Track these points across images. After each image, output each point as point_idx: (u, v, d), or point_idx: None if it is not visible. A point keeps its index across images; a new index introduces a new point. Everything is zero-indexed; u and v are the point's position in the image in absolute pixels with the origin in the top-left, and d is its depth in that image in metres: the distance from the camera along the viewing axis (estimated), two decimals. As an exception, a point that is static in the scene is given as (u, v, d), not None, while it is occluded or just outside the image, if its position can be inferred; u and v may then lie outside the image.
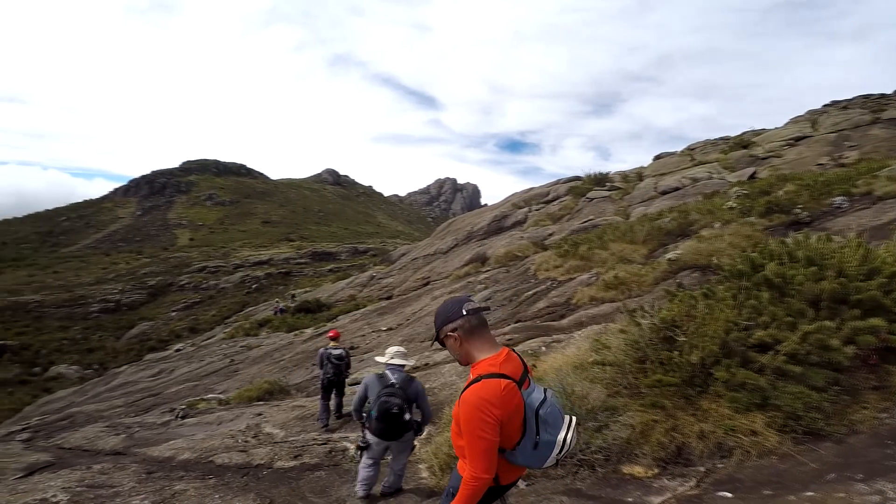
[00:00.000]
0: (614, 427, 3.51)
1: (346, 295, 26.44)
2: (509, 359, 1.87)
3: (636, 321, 3.79)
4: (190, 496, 3.77)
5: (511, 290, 13.29)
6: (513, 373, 1.82)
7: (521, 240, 21.40)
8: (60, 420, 13.49)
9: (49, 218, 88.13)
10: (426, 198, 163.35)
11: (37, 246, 74.94)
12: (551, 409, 1.87)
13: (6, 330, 41.49)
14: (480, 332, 1.88)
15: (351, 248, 66.31)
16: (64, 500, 3.74)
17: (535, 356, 5.36)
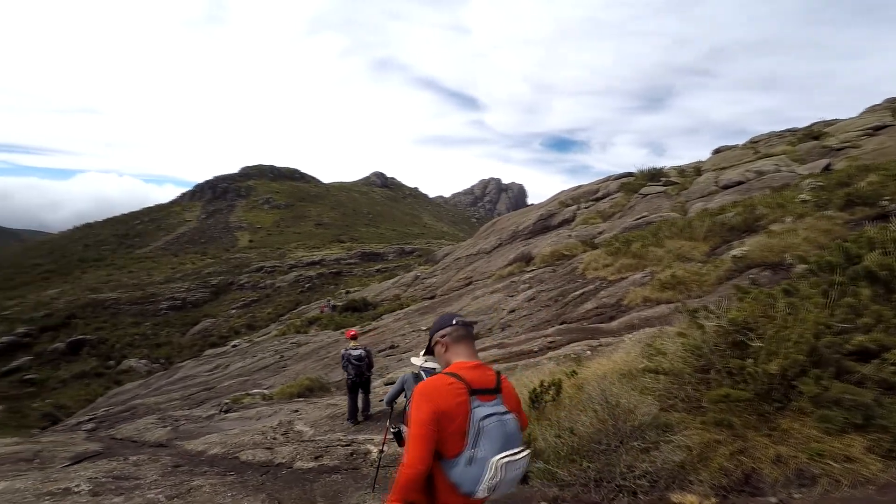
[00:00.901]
0: (665, 448, 2.99)
1: (392, 294, 26.60)
2: (478, 369, 1.84)
3: (699, 323, 3.25)
4: (204, 492, 3.68)
5: (557, 291, 12.68)
6: (474, 380, 1.78)
7: (568, 238, 20.59)
8: (123, 411, 14.29)
9: (125, 222, 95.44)
10: (470, 198, 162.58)
11: (114, 247, 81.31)
12: (499, 426, 1.71)
13: (86, 325, 45.19)
14: (464, 343, 1.94)
15: (398, 248, 67.02)
16: (86, 489, 3.75)
17: (577, 361, 4.87)
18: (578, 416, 3.49)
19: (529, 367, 5.81)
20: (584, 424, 3.39)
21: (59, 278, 63.28)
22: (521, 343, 8.22)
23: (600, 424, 3.32)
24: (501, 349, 8.22)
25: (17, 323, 44.64)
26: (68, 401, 22.37)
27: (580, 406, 3.60)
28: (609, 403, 3.25)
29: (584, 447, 3.27)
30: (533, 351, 7.05)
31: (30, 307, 48.36)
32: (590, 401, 3.46)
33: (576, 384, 3.75)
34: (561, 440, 3.34)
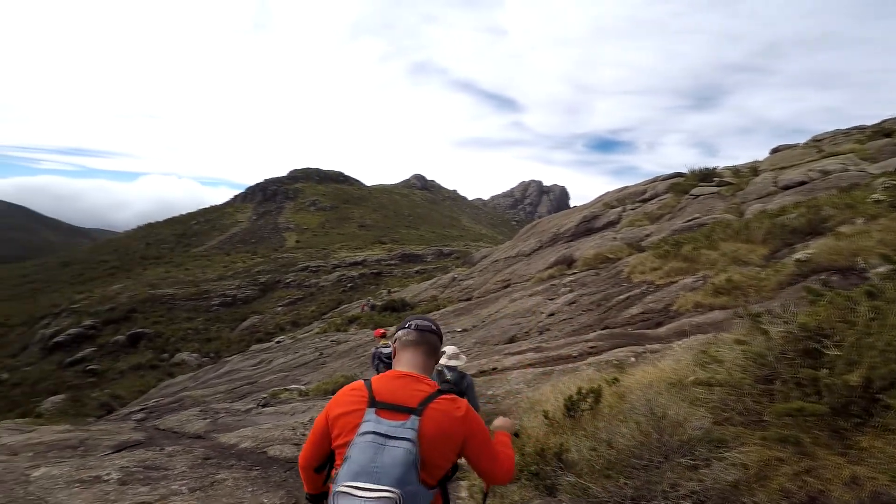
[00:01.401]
0: (717, 466, 2.65)
1: (429, 295, 26.61)
2: (401, 380, 1.57)
3: (763, 329, 2.86)
4: (226, 486, 3.65)
5: (600, 294, 12.15)
6: (382, 391, 1.52)
7: (613, 241, 19.83)
8: (172, 403, 14.92)
9: (183, 222, 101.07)
10: (510, 201, 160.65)
11: (173, 246, 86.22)
12: (368, 447, 1.37)
13: (145, 319, 48.00)
14: (410, 350, 1.71)
15: (436, 250, 67.34)
16: (115, 478, 3.80)
17: (620, 368, 4.52)
18: (618, 428, 3.18)
19: (567, 373, 5.48)
20: (625, 437, 3.08)
21: (122, 274, 67.72)
22: (560, 347, 7.86)
23: (643, 437, 3.01)
24: (538, 353, 7.89)
25: (84, 316, 48.04)
26: (124, 391, 23.75)
27: (621, 416, 3.28)
28: (655, 415, 2.92)
29: (623, 461, 2.97)
30: (572, 356, 6.69)
31: (96, 301, 51.88)
32: (632, 411, 3.14)
33: (617, 393, 3.43)
34: (596, 453, 3.05)
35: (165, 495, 3.53)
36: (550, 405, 3.62)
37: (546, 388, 4.49)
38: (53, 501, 3.43)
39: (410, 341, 1.72)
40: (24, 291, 69.64)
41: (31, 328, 49.09)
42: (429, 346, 1.72)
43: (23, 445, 6.58)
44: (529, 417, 3.79)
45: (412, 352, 1.71)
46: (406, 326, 1.77)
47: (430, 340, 1.73)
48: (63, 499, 3.46)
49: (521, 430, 3.12)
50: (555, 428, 3.44)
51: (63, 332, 44.82)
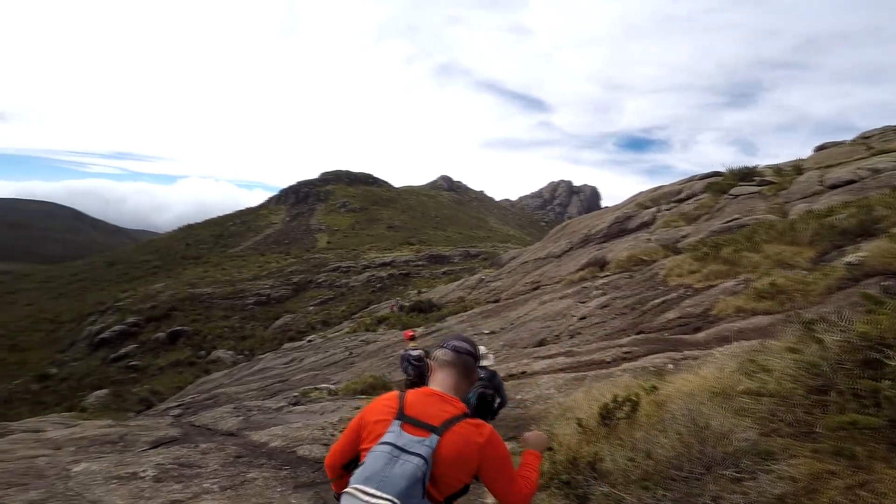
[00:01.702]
0: (764, 478, 2.49)
1: (456, 297, 26.54)
2: (432, 398, 1.64)
3: (817, 337, 2.67)
4: (256, 486, 3.68)
5: (633, 298, 11.79)
6: (412, 406, 1.59)
7: (647, 242, 19.26)
8: (207, 399, 15.37)
9: (220, 223, 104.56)
10: (538, 201, 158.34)
11: (211, 247, 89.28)
12: (381, 457, 1.47)
13: (184, 317, 49.79)
14: (445, 370, 1.76)
15: (463, 251, 67.24)
16: (151, 474, 3.90)
17: (657, 374, 4.33)
18: (657, 438, 3.03)
19: (601, 379, 5.30)
20: (664, 447, 2.93)
21: (164, 274, 70.54)
22: (592, 352, 7.64)
23: (683, 448, 2.85)
24: (569, 358, 7.69)
25: (128, 313, 50.24)
26: (162, 387, 24.68)
27: (659, 426, 3.13)
28: (697, 425, 2.76)
29: (662, 472, 2.83)
30: (605, 361, 6.48)
31: (139, 299, 54.19)
32: (673, 421, 2.98)
33: (655, 401, 3.27)
34: (633, 463, 2.91)
35: (198, 493, 3.60)
36: (583, 412, 3.49)
37: (578, 394, 4.34)
38: (91, 497, 3.54)
39: (446, 361, 1.75)
40: (73, 289, 73.55)
41: (79, 325, 51.75)
42: (464, 367, 1.75)
43: (66, 440, 6.87)
44: (561, 424, 3.67)
45: (446, 372, 1.74)
46: (444, 346, 1.81)
47: (466, 362, 1.76)
48: (101, 495, 3.57)
49: (552, 438, 2.99)
50: (588, 436, 3.31)
51: (108, 328, 47.04)
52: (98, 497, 3.52)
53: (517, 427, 4.46)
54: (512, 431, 4.27)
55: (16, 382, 38.98)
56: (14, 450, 6.22)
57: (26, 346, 49.85)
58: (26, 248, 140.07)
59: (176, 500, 3.49)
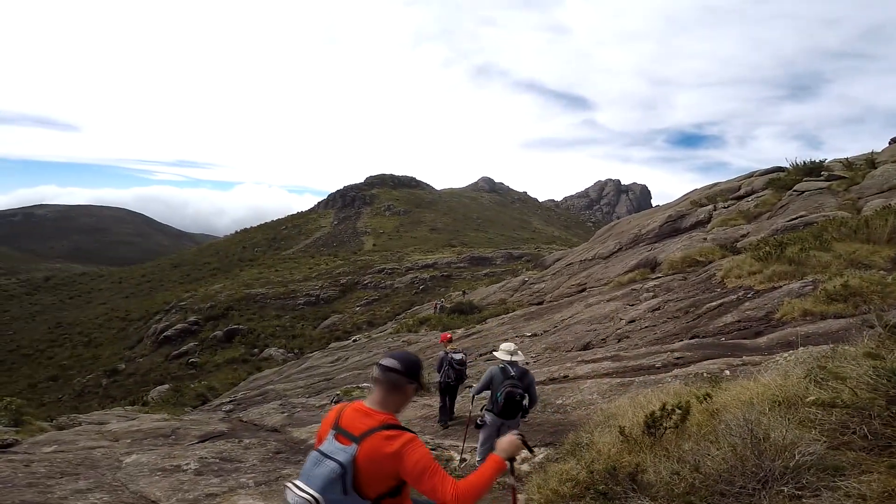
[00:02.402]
0: (827, 496, 2.20)
1: (497, 299, 26.19)
2: (359, 412, 1.90)
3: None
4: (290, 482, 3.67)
5: (687, 300, 11.12)
6: (345, 418, 1.88)
7: (703, 242, 18.20)
8: (257, 395, 15.93)
9: (273, 227, 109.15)
10: (585, 201, 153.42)
11: (265, 249, 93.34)
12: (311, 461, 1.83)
13: (240, 316, 52.19)
14: (375, 387, 1.96)
15: (506, 253, 66.57)
16: (193, 468, 4.00)
17: (713, 382, 3.97)
18: (708, 449, 2.75)
19: (648, 386, 4.96)
20: (715, 459, 2.65)
21: (222, 275, 74.36)
22: (641, 357, 7.23)
23: (737, 461, 2.57)
24: (616, 362, 7.31)
25: (189, 312, 53.25)
26: (218, 383, 25.84)
27: (711, 437, 2.84)
28: (755, 436, 2.47)
29: (710, 487, 2.57)
30: (654, 367, 6.08)
31: (199, 299, 57.30)
32: (727, 431, 2.69)
33: (708, 410, 2.97)
34: (678, 476, 2.64)
35: (233, 487, 3.64)
36: (627, 420, 3.23)
37: (623, 400, 4.06)
38: (134, 488, 3.66)
39: (375, 378, 1.96)
40: (142, 290, 78.98)
41: (146, 323, 55.38)
42: (389, 383, 1.92)
43: (125, 432, 7.26)
44: (602, 432, 3.42)
45: (376, 387, 1.95)
46: (377, 363, 2.00)
47: (391, 379, 1.92)
48: (143, 486, 3.68)
49: (591, 446, 2.80)
50: (630, 445, 3.06)
51: (171, 327, 50.05)
52: (140, 488, 3.64)
53: (555, 433, 4.23)
54: (549, 437, 4.06)
55: (89, 377, 42.28)
56: (77, 441, 6.64)
57: (100, 343, 54.00)
58: (101, 251, 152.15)
59: (212, 494, 3.55)
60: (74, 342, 55.67)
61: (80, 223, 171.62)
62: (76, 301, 78.63)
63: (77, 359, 49.73)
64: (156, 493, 3.53)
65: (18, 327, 66.03)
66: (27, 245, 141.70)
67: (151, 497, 3.52)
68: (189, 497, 3.51)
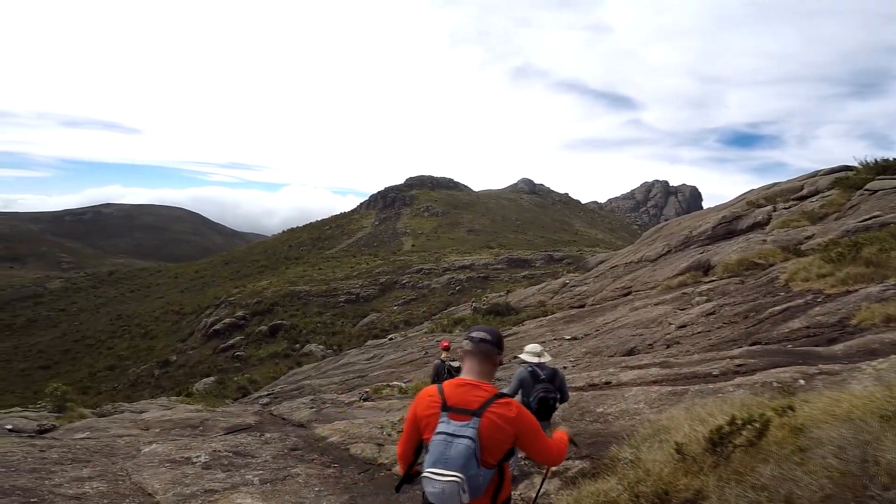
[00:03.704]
0: None
1: (536, 301, 25.40)
2: (465, 387, 1.92)
3: None
4: (296, 482, 3.43)
5: (746, 305, 10.16)
6: (451, 397, 1.89)
7: (762, 244, 16.87)
8: (293, 390, 16.05)
9: (318, 227, 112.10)
10: (631, 203, 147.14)
11: (310, 248, 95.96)
12: (441, 444, 1.81)
13: (284, 312, 53.67)
14: (469, 358, 2.00)
15: (546, 255, 65.18)
16: (202, 461, 3.81)
17: (786, 392, 3.35)
18: (793, 472, 2.20)
19: (706, 395, 4.36)
20: (804, 486, 2.10)
21: (269, 272, 76.94)
22: (694, 364, 6.52)
23: (835, 488, 2.03)
24: (665, 369, 6.64)
25: (237, 307, 55.27)
26: (259, 377, 26.49)
27: (796, 458, 2.29)
28: (866, 457, 1.92)
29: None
30: (711, 375, 5.40)
31: (247, 295, 59.38)
32: (819, 451, 2.13)
33: (790, 425, 2.41)
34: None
35: (236, 484, 3.42)
36: (683, 434, 2.71)
37: (676, 411, 3.50)
38: (136, 479, 3.50)
39: (468, 351, 2.00)
40: (196, 285, 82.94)
41: (198, 317, 57.98)
42: (483, 354, 1.98)
43: (157, 421, 7.28)
44: (650, 447, 2.90)
45: (471, 360, 1.99)
46: (467, 337, 2.04)
47: (483, 349, 1.98)
48: (145, 477, 3.52)
49: (637, 463, 2.40)
50: (688, 465, 2.54)
51: (220, 321, 52.10)
52: (142, 479, 3.48)
53: (593, 445, 3.73)
54: (586, 449, 3.57)
55: (143, 367, 44.61)
56: (109, 428, 6.68)
57: (155, 335, 57.01)
58: (161, 248, 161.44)
59: (211, 490, 3.33)
60: (132, 334, 59.06)
61: (143, 221, 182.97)
62: (136, 294, 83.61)
63: (134, 350, 52.68)
64: (154, 486, 3.35)
65: (84, 318, 70.91)
66: (96, 241, 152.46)
67: (148, 489, 3.35)
68: (186, 492, 3.32)
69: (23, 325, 69.06)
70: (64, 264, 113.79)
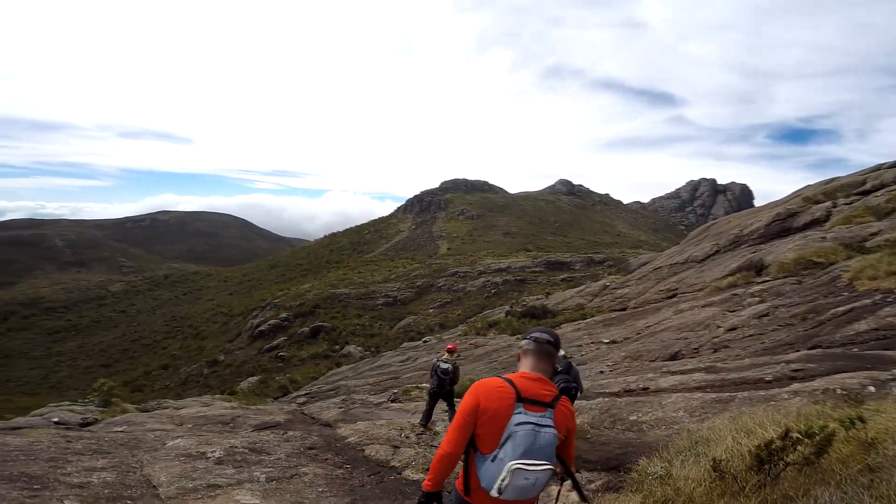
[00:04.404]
0: None
1: (574, 303, 24.60)
2: (538, 381, 1.99)
3: None
4: (302, 481, 3.31)
5: (804, 306, 9.32)
6: (526, 389, 1.92)
7: (821, 241, 15.63)
8: (329, 390, 16.19)
9: (358, 231, 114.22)
10: (675, 203, 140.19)
11: (350, 252, 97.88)
12: (529, 434, 1.82)
13: (325, 314, 54.81)
14: (532, 357, 2.08)
15: (585, 257, 63.43)
16: (216, 456, 3.76)
17: (854, 400, 2.90)
18: (860, 498, 1.82)
19: (756, 403, 3.90)
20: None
21: (311, 276, 78.98)
22: (745, 369, 5.96)
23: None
24: (711, 374, 6.11)
25: (281, 309, 56.95)
26: (300, 376, 27.04)
27: (863, 478, 1.90)
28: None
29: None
30: (763, 380, 4.87)
31: (290, 297, 61.09)
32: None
33: (859, 438, 2.02)
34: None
35: (241, 481, 3.33)
36: (724, 448, 2.34)
37: (720, 421, 3.10)
38: (147, 471, 3.48)
39: (531, 350, 2.07)
40: (243, 288, 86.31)
41: (245, 318, 60.20)
42: (547, 353, 2.08)
43: (191, 417, 7.39)
44: (685, 462, 2.53)
45: (533, 358, 2.05)
46: (528, 338, 2.11)
47: (548, 350, 2.08)
48: (156, 470, 3.49)
49: (667, 480, 2.08)
50: (727, 485, 2.18)
51: (265, 322, 53.83)
52: (152, 472, 3.46)
53: (622, 455, 3.38)
54: (613, 460, 3.23)
55: (193, 366, 46.68)
56: (145, 423, 6.84)
57: (205, 335, 59.63)
58: (211, 252, 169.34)
59: (214, 485, 3.25)
60: (185, 334, 62.05)
61: (195, 228, 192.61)
62: (188, 297, 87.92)
63: (185, 349, 55.28)
64: (161, 478, 3.33)
65: (141, 319, 75.24)
66: (154, 247, 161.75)
67: (154, 481, 3.33)
68: (189, 486, 3.27)
69: (87, 326, 74.06)
70: (124, 268, 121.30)
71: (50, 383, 50.82)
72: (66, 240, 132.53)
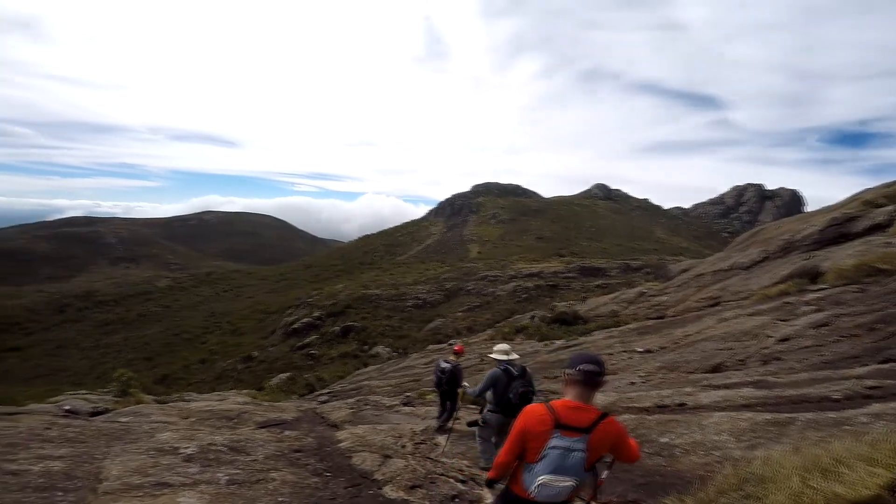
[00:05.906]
0: None
1: (608, 310, 23.48)
2: (578, 410, 2.30)
3: None
4: (265, 488, 2.98)
5: (871, 315, 8.25)
6: (564, 417, 2.27)
7: (886, 247, 14.16)
8: (352, 389, 15.93)
9: (390, 234, 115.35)
10: (720, 209, 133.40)
11: (382, 254, 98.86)
12: (559, 456, 2.22)
13: (356, 314, 55.26)
14: (577, 387, 2.35)
15: (622, 264, 61.29)
16: (188, 453, 3.50)
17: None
18: None
19: (825, 428, 3.18)
20: None
21: (345, 276, 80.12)
22: (803, 385, 5.14)
23: None
24: (761, 390, 5.31)
25: (315, 308, 57.86)
26: (327, 375, 27.09)
27: None
28: None
29: None
30: (830, 399, 4.08)
31: (324, 297, 62.01)
32: None
33: None
34: None
35: (198, 482, 2.99)
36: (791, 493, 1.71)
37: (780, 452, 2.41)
38: (105, 463, 3.19)
39: (577, 381, 2.34)
40: (280, 287, 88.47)
41: (280, 316, 61.51)
42: (596, 384, 2.36)
43: (198, 411, 7.17)
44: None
45: (578, 389, 2.34)
46: (577, 369, 2.34)
47: (596, 381, 2.35)
48: (114, 462, 3.19)
49: None
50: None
51: (299, 320, 54.78)
52: (109, 465, 3.17)
53: (646, 486, 2.76)
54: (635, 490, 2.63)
55: (228, 361, 47.90)
56: (152, 415, 6.65)
57: (243, 332, 61.27)
58: (252, 252, 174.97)
59: (164, 483, 2.94)
60: (223, 330, 63.99)
61: (237, 227, 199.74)
62: (228, 294, 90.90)
63: (223, 345, 56.92)
64: (112, 472, 3.07)
65: (184, 315, 78.23)
66: (199, 245, 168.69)
67: (103, 474, 3.06)
68: (137, 482, 2.98)
69: (134, 319, 77.69)
70: (171, 265, 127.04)
71: (96, 374, 53.48)
72: (118, 237, 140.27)
